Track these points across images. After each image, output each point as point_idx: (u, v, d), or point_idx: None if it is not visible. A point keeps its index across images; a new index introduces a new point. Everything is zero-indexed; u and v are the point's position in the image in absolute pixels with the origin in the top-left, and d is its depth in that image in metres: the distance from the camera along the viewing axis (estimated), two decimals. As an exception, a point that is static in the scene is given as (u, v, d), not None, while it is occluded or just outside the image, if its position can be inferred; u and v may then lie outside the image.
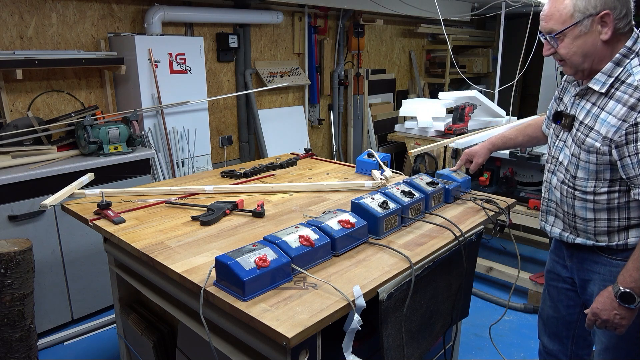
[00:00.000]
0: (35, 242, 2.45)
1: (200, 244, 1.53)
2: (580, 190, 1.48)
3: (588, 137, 1.42)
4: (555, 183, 1.58)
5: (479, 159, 1.92)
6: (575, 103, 1.51)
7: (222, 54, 4.04)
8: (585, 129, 1.44)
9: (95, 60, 2.97)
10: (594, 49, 1.37)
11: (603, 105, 1.40)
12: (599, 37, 1.35)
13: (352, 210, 1.59)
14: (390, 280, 1.33)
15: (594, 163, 1.42)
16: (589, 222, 1.50)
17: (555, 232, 1.64)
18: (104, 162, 2.80)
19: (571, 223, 1.56)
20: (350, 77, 5.24)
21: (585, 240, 1.54)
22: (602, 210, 1.46)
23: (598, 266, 1.55)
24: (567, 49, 1.39)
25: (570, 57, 1.40)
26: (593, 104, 1.43)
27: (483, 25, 7.61)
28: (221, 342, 1.36)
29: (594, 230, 1.50)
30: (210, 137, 3.76)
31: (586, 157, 1.43)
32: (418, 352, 1.56)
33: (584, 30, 1.35)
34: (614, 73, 1.38)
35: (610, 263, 1.52)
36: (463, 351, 2.63)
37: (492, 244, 3.96)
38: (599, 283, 1.55)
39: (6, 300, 2.14)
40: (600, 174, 1.43)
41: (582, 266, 1.61)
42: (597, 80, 1.41)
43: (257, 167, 2.37)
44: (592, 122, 1.42)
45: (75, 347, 2.69)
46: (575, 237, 1.57)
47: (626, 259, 1.45)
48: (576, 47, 1.38)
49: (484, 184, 3.36)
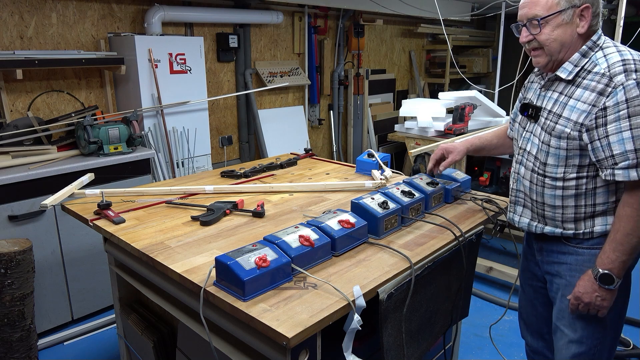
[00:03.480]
0: (35, 242, 2.46)
1: (200, 244, 1.53)
2: (550, 177, 1.53)
3: (557, 124, 1.48)
4: (523, 172, 1.62)
5: (456, 156, 1.88)
6: (542, 95, 1.57)
7: (222, 54, 4.04)
8: (554, 117, 1.50)
9: (95, 60, 2.97)
10: (570, 40, 1.45)
11: (570, 93, 1.47)
12: (575, 30, 1.44)
13: (352, 210, 1.59)
14: (390, 280, 1.33)
15: (564, 149, 1.47)
16: (557, 209, 1.54)
17: (523, 222, 1.66)
18: (104, 162, 2.80)
19: (539, 212, 1.60)
20: (350, 77, 5.24)
21: (553, 229, 1.57)
22: (570, 197, 1.51)
23: (565, 256, 1.58)
24: (548, 35, 1.45)
25: (550, 44, 1.46)
26: (560, 93, 1.50)
27: (483, 25, 7.61)
28: (221, 342, 1.36)
29: (562, 218, 1.54)
30: (210, 137, 3.76)
31: (556, 143, 1.49)
32: (418, 352, 1.56)
33: (566, 20, 1.43)
34: (580, 63, 1.45)
35: (576, 252, 1.55)
36: (463, 351, 2.63)
37: (492, 244, 3.96)
38: (566, 273, 1.58)
39: (6, 300, 2.14)
40: (570, 159, 1.48)
41: (549, 259, 1.64)
42: (564, 69, 1.48)
43: (257, 167, 2.37)
44: (560, 109, 1.48)
45: (75, 347, 2.69)
46: (543, 227, 1.60)
47: (592, 247, 1.52)
48: (556, 34, 1.44)
49: (484, 184, 3.36)
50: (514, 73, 4.26)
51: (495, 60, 6.90)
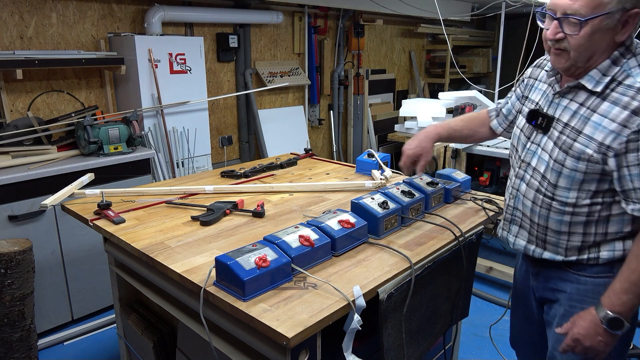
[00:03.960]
0: (35, 242, 2.46)
1: (200, 244, 1.53)
2: (560, 201, 1.33)
3: (576, 142, 1.26)
4: (525, 190, 1.42)
5: (428, 156, 1.66)
6: (555, 102, 1.35)
7: (222, 54, 4.04)
8: (572, 132, 1.27)
9: (95, 60, 2.97)
10: (604, 48, 1.21)
11: (594, 106, 1.24)
12: (614, 37, 1.20)
13: (352, 210, 1.59)
14: (390, 280, 1.32)
15: (582, 172, 1.26)
16: (562, 235, 1.36)
17: (519, 244, 1.48)
18: (104, 162, 2.80)
19: (540, 236, 1.41)
20: (350, 77, 5.24)
21: (554, 255, 1.40)
22: (579, 224, 1.32)
23: (565, 284, 1.41)
24: (583, 40, 1.18)
25: (581, 52, 1.21)
26: (580, 105, 1.28)
27: (483, 25, 7.61)
28: (221, 342, 1.36)
29: (566, 245, 1.36)
30: (210, 137, 3.76)
31: (573, 164, 1.27)
32: (418, 352, 1.56)
33: (609, 25, 1.17)
34: (609, 72, 1.23)
35: (578, 280, 1.38)
36: (463, 351, 2.63)
37: (492, 244, 3.96)
38: (565, 303, 1.42)
39: (6, 300, 2.14)
40: (586, 184, 1.28)
41: (547, 285, 1.48)
42: (590, 78, 1.25)
43: (257, 167, 2.37)
44: (580, 124, 1.26)
45: (75, 347, 2.69)
46: (542, 251, 1.42)
47: (596, 276, 1.34)
48: (592, 41, 1.19)
49: (484, 184, 3.36)
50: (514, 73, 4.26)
51: (495, 60, 6.91)
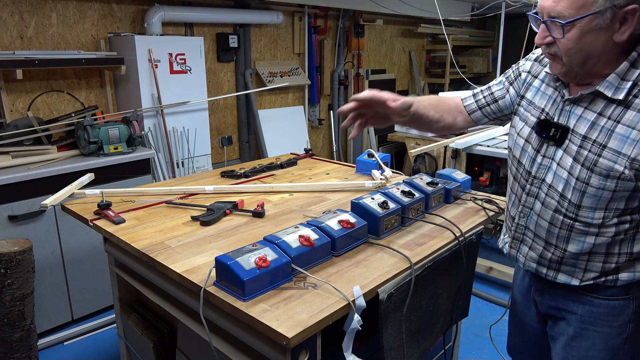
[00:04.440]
0: (35, 242, 2.46)
1: (200, 244, 1.53)
2: (583, 222, 1.19)
3: (602, 158, 1.11)
4: (539, 210, 1.28)
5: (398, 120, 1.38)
6: (566, 110, 1.20)
7: (222, 54, 4.04)
8: (594, 147, 1.12)
9: (95, 60, 2.97)
10: (602, 51, 1.08)
11: (617, 116, 1.10)
12: (612, 37, 1.06)
13: (352, 210, 1.59)
14: (390, 280, 1.32)
15: (611, 190, 1.12)
16: (581, 257, 1.23)
17: (530, 266, 1.36)
18: (104, 162, 2.80)
19: (555, 258, 1.28)
20: (350, 77, 5.24)
21: (569, 279, 1.27)
22: (602, 245, 1.20)
23: (575, 305, 1.30)
24: (572, 43, 1.08)
25: (572, 55, 1.10)
26: (599, 114, 1.13)
27: (483, 25, 7.61)
28: (221, 342, 1.36)
29: (585, 267, 1.24)
30: (210, 137, 3.76)
31: (601, 182, 1.13)
32: (418, 352, 1.56)
33: (601, 25, 1.05)
34: (630, 76, 1.09)
35: (591, 303, 1.26)
36: (463, 351, 2.63)
37: (492, 244, 3.95)
38: (574, 325, 1.30)
39: (6, 300, 2.14)
40: (614, 202, 1.14)
41: (553, 304, 1.36)
42: (609, 84, 1.10)
43: (257, 167, 2.37)
44: (603, 137, 1.11)
45: (75, 347, 2.69)
46: (556, 275, 1.30)
47: (611, 298, 1.23)
48: (583, 44, 1.07)
49: (484, 184, 3.36)
50: (514, 73, 4.26)
51: (495, 60, 6.90)
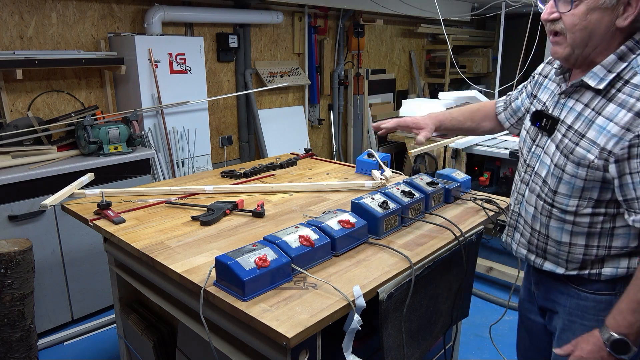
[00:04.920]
0: (35, 242, 2.46)
1: (200, 244, 1.53)
2: (559, 209, 1.26)
3: (578, 147, 1.18)
4: (528, 196, 1.35)
5: (427, 134, 1.63)
6: (560, 103, 1.27)
7: (222, 54, 4.04)
8: (574, 136, 1.19)
9: (95, 60, 2.97)
10: (604, 32, 1.12)
11: (600, 108, 1.15)
12: (615, 20, 1.11)
13: (352, 210, 1.59)
14: (390, 280, 1.32)
15: (582, 178, 1.18)
16: (562, 245, 1.29)
17: (521, 252, 1.44)
18: (104, 162, 2.80)
19: (541, 245, 1.35)
20: (350, 77, 5.24)
21: (555, 267, 1.33)
22: (580, 235, 1.25)
23: (564, 297, 1.35)
24: (578, 19, 1.12)
25: (576, 32, 1.14)
26: (585, 106, 1.19)
27: (483, 25, 7.61)
28: (221, 342, 1.36)
29: (567, 257, 1.29)
30: (210, 137, 3.76)
31: (573, 170, 1.19)
32: (418, 352, 1.56)
33: (607, 4, 1.09)
34: (615, 68, 1.14)
35: (578, 295, 1.32)
36: (463, 351, 2.63)
37: (492, 244, 3.95)
38: (563, 317, 1.36)
39: (6, 300, 2.14)
40: (587, 192, 1.20)
41: (547, 296, 1.43)
42: (594, 75, 1.16)
43: (257, 167, 2.37)
44: (583, 127, 1.17)
45: (75, 347, 2.69)
46: (543, 262, 1.36)
47: (597, 292, 1.27)
48: (588, 21, 1.11)
49: (484, 184, 3.36)
50: (514, 73, 4.27)
51: (495, 60, 6.91)
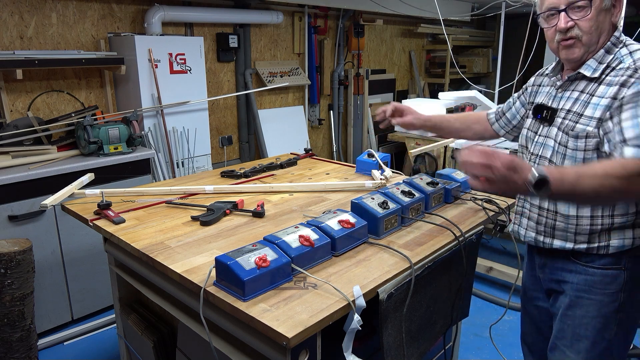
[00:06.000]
0: (35, 242, 2.46)
1: (200, 244, 1.53)
2: None
3: (578, 124, 1.36)
4: None
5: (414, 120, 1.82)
6: (558, 96, 1.47)
7: (222, 54, 4.04)
8: (574, 116, 1.38)
9: (95, 60, 2.97)
10: (607, 30, 1.35)
11: (593, 91, 1.36)
12: (610, 18, 1.35)
13: (352, 210, 1.59)
14: (390, 280, 1.32)
15: (582, 149, 1.36)
16: (570, 219, 1.42)
17: (529, 235, 1.55)
18: (104, 162, 2.80)
19: (550, 222, 1.47)
20: (350, 77, 5.24)
21: (564, 243, 1.44)
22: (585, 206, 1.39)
23: (572, 275, 1.46)
24: (592, 21, 1.32)
25: (592, 32, 1.34)
26: (581, 92, 1.39)
27: (483, 25, 7.61)
28: (221, 342, 1.36)
29: (575, 229, 1.41)
30: (210, 137, 3.76)
31: (574, 143, 1.37)
32: (418, 352, 1.56)
33: (607, 5, 1.33)
34: (604, 60, 1.36)
35: (585, 271, 1.42)
36: (463, 351, 2.63)
37: (492, 244, 3.96)
38: (570, 294, 1.46)
39: (6, 300, 2.14)
40: (588, 162, 1.36)
41: (553, 276, 1.52)
42: (588, 66, 1.38)
43: (257, 167, 2.37)
44: (581, 108, 1.37)
45: (75, 347, 2.69)
46: (552, 241, 1.47)
47: (605, 267, 1.39)
48: (599, 22, 1.33)
49: (484, 184, 3.36)
50: (514, 73, 4.27)
51: (495, 60, 6.90)
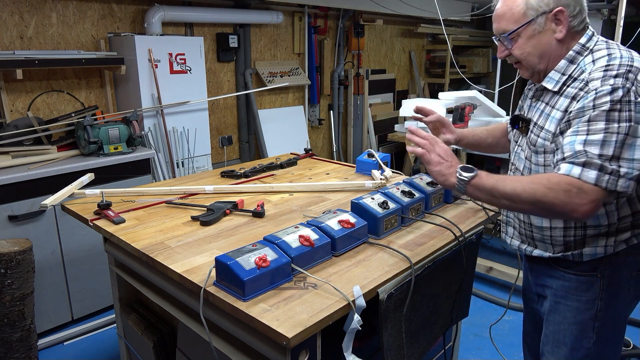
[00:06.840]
0: (35, 242, 2.46)
1: (200, 244, 1.53)
2: None
3: (539, 138, 1.36)
4: None
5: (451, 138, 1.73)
6: (532, 106, 1.46)
7: (222, 54, 4.04)
8: (537, 129, 1.38)
9: (95, 60, 2.97)
10: (549, 49, 1.33)
11: (554, 103, 1.34)
12: (553, 36, 1.31)
13: (352, 210, 1.59)
14: (390, 280, 1.33)
15: (542, 165, 1.36)
16: (544, 230, 1.42)
17: (514, 244, 1.56)
18: (104, 162, 2.80)
19: (528, 233, 1.49)
20: (350, 77, 5.24)
21: (543, 252, 1.46)
22: None
23: (551, 280, 1.48)
24: (522, 49, 1.34)
25: (526, 58, 1.35)
26: (546, 104, 1.38)
27: (483, 25, 7.61)
28: (221, 342, 1.36)
29: (551, 240, 1.42)
30: (210, 137, 3.76)
31: (535, 158, 1.38)
32: (418, 352, 1.56)
33: (538, 29, 1.31)
34: (567, 71, 1.33)
35: (563, 277, 1.44)
36: (463, 351, 2.63)
37: (492, 244, 3.96)
38: (551, 299, 1.49)
39: (6, 300, 2.14)
40: None
41: (538, 280, 1.55)
42: (550, 79, 1.36)
43: (257, 167, 2.37)
44: (543, 121, 1.37)
45: (75, 347, 2.69)
46: (533, 249, 1.49)
47: (581, 274, 1.39)
48: (531, 47, 1.33)
49: (484, 184, 3.36)
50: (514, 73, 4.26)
51: (495, 60, 6.90)
